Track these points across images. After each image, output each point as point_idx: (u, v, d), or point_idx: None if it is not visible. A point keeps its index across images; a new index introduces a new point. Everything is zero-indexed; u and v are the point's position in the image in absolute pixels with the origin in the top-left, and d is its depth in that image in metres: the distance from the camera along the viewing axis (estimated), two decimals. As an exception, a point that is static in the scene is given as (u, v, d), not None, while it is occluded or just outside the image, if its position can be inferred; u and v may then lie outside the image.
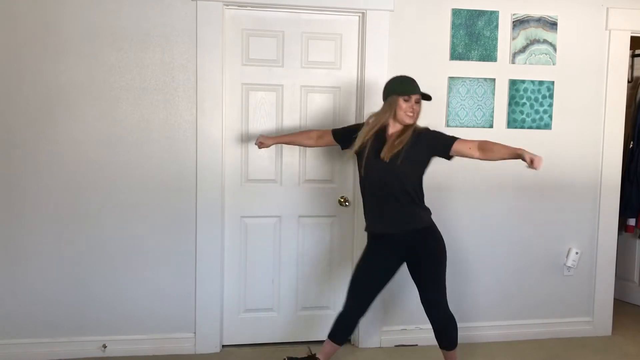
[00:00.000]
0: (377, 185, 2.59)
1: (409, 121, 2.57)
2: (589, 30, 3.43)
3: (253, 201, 3.23)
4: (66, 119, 2.96)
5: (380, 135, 2.61)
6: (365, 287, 2.66)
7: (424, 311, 2.69)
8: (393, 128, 2.61)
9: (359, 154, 2.66)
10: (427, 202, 2.73)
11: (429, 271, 2.62)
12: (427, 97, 2.62)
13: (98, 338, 3.08)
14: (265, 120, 3.20)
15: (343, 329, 2.71)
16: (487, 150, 2.48)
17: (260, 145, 2.92)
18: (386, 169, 2.54)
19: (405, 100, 2.57)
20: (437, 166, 3.27)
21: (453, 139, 2.56)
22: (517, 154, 2.37)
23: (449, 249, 3.35)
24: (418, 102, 2.59)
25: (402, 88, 2.59)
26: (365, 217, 2.73)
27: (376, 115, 2.64)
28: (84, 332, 3.07)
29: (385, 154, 2.53)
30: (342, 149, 2.86)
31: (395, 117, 2.59)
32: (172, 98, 3.05)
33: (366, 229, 2.74)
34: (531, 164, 2.30)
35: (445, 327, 2.67)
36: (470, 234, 3.39)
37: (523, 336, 3.48)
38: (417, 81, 2.64)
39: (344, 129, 2.86)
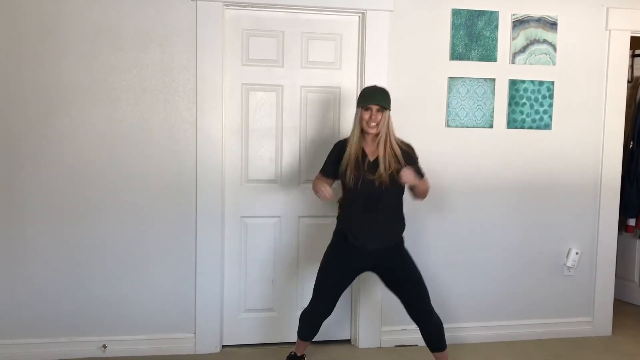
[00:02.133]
0: (364, 196, 2.60)
1: (371, 131, 2.59)
2: (589, 30, 3.44)
3: (253, 201, 3.23)
4: (66, 119, 2.96)
5: (362, 150, 2.64)
6: (335, 289, 2.71)
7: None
8: (371, 147, 2.62)
9: (343, 169, 2.65)
10: (428, 202, 2.74)
11: (412, 277, 2.66)
12: (384, 107, 2.58)
13: (98, 338, 3.08)
14: (265, 120, 3.20)
15: (313, 328, 2.79)
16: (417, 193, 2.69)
17: (327, 193, 2.71)
18: (379, 192, 2.57)
19: (365, 110, 2.59)
20: (437, 167, 3.29)
21: (422, 176, 2.68)
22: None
23: (449, 248, 3.38)
24: (380, 111, 2.58)
25: (361, 99, 2.63)
26: (342, 221, 2.72)
27: (351, 132, 2.65)
28: (84, 332, 3.07)
29: (383, 178, 2.55)
30: (335, 178, 2.79)
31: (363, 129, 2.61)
32: (172, 98, 3.05)
33: (340, 233, 2.71)
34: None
35: (437, 330, 2.70)
36: (470, 234, 3.39)
37: (523, 336, 3.48)
38: (386, 90, 2.65)
39: (326, 164, 2.79)
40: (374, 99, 2.59)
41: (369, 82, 3.17)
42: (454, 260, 3.39)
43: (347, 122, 3.25)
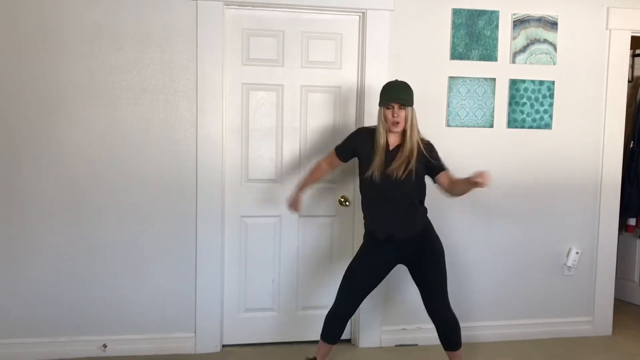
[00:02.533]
0: (386, 194, 2.60)
1: (395, 129, 2.58)
2: (590, 30, 3.43)
3: (253, 201, 3.23)
4: (66, 119, 2.96)
5: (386, 145, 2.62)
6: (362, 288, 2.68)
7: (424, 310, 2.69)
8: (393, 138, 2.62)
9: (364, 160, 2.65)
10: (428, 203, 2.74)
11: (434, 274, 2.65)
12: (406, 103, 2.57)
13: (98, 338, 3.08)
14: (265, 120, 3.20)
15: (336, 329, 2.71)
16: (452, 184, 2.65)
17: (294, 206, 2.86)
18: (397, 182, 2.56)
19: (388, 109, 2.57)
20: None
21: (445, 167, 2.68)
22: (470, 181, 2.44)
23: (450, 249, 3.36)
24: (402, 107, 2.56)
25: (382, 97, 2.62)
26: (367, 220, 2.73)
27: (377, 129, 2.63)
28: (84, 331, 3.07)
29: (399, 173, 2.55)
30: (345, 162, 2.83)
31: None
32: (172, 98, 3.05)
33: (368, 232, 2.73)
34: (479, 180, 2.38)
35: (451, 328, 2.68)
36: (470, 234, 3.39)
37: (523, 336, 3.48)
38: (406, 84, 2.62)
39: (344, 145, 2.78)
40: (395, 96, 2.56)
41: (369, 82, 3.18)
42: (453, 260, 3.38)
43: (347, 121, 3.25)
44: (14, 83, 2.90)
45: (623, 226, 4.00)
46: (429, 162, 2.62)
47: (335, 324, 2.70)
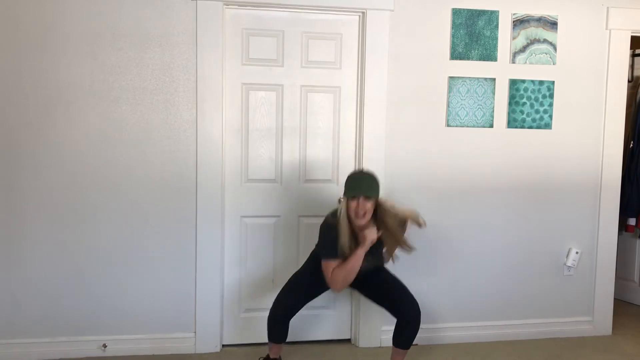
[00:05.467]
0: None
1: (360, 222, 2.56)
2: (589, 30, 3.43)
3: (253, 201, 3.23)
4: (66, 119, 2.96)
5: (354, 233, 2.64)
6: (307, 299, 2.79)
7: (423, 310, 2.69)
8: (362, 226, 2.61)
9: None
10: (429, 203, 2.75)
11: (389, 279, 2.76)
12: (371, 197, 2.55)
13: (98, 338, 3.08)
14: (265, 120, 3.20)
15: (283, 329, 2.80)
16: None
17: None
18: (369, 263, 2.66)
19: (352, 199, 2.56)
20: (437, 166, 3.29)
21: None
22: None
23: (450, 248, 3.38)
24: (368, 199, 2.54)
25: (347, 188, 2.60)
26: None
27: (340, 220, 2.59)
28: (84, 331, 3.07)
29: (392, 258, 2.73)
30: None
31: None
32: (172, 98, 3.05)
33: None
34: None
35: (415, 327, 2.66)
36: (470, 234, 3.39)
37: (523, 336, 3.48)
38: (372, 176, 2.61)
39: (335, 249, 2.61)
40: (359, 188, 2.56)
41: (369, 82, 3.18)
42: (453, 259, 3.39)
43: (347, 122, 3.25)
44: (14, 83, 2.90)
45: (623, 226, 4.00)
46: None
47: (283, 325, 2.79)
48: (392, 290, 2.72)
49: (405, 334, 2.67)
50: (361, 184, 2.59)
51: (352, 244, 2.59)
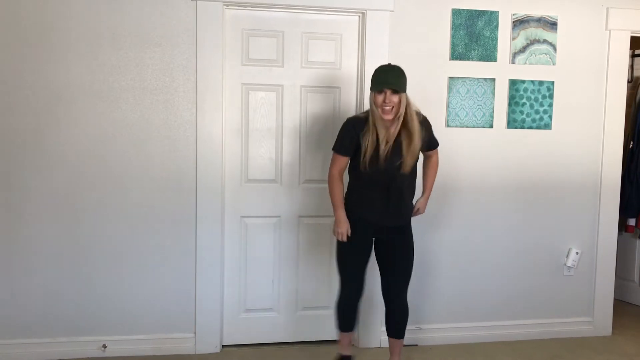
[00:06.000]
0: (384, 180, 2.59)
1: (386, 117, 2.49)
2: (589, 30, 3.44)
3: (253, 201, 3.23)
4: (66, 119, 2.96)
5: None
6: (360, 266, 2.74)
7: (424, 311, 2.70)
8: (390, 123, 2.54)
9: (362, 148, 2.57)
10: (428, 203, 2.75)
11: (403, 265, 2.73)
12: (399, 89, 2.48)
13: (98, 338, 3.08)
14: (265, 120, 3.20)
15: (352, 316, 2.79)
16: (429, 168, 2.86)
17: (346, 231, 2.68)
18: (399, 174, 2.58)
19: (379, 93, 2.49)
20: (438, 168, 3.29)
21: (437, 145, 2.84)
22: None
23: (450, 249, 3.38)
24: (395, 93, 2.47)
25: (373, 82, 2.54)
26: (353, 202, 2.68)
27: (369, 115, 2.56)
28: (84, 332, 3.07)
29: (406, 168, 2.58)
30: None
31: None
32: (172, 98, 3.05)
33: (351, 213, 2.67)
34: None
35: (403, 316, 2.77)
36: (470, 233, 3.39)
37: (523, 336, 3.48)
38: (399, 68, 2.55)
39: (345, 143, 2.64)
40: (386, 82, 2.47)
41: (369, 82, 3.16)
42: (453, 259, 3.39)
43: (347, 122, 3.25)
44: (14, 83, 2.90)
45: (623, 226, 4.00)
46: (426, 141, 2.68)
47: (351, 309, 2.77)
48: (396, 281, 2.72)
49: (396, 326, 2.78)
50: (388, 76, 2.49)
51: (379, 142, 2.51)
